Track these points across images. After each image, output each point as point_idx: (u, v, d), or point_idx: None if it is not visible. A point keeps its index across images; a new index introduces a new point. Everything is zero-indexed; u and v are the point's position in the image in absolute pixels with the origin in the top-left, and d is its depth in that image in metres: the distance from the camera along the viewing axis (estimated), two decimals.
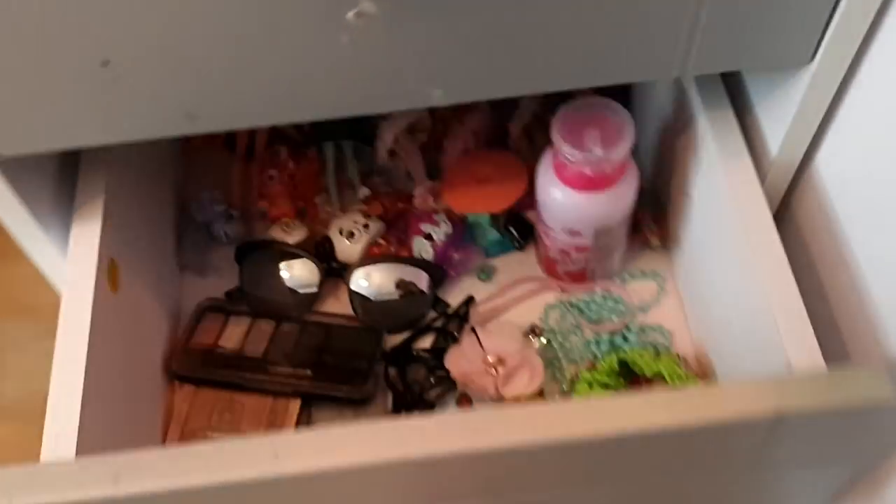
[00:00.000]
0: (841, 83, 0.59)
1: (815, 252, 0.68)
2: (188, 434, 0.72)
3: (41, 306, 0.59)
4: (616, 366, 0.71)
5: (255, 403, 0.73)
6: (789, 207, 0.71)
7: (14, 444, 0.54)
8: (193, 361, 0.74)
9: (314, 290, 0.79)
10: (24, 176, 0.59)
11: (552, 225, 0.73)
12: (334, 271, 0.80)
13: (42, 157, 0.59)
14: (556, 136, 0.65)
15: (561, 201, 0.69)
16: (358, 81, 0.53)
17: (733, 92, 0.68)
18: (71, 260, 0.60)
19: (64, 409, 0.55)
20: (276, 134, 0.90)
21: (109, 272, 0.62)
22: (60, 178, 0.65)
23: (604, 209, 0.69)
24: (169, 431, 0.72)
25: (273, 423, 0.72)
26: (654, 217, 0.80)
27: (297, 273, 0.80)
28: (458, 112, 0.87)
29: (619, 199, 0.69)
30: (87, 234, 0.62)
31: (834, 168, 0.64)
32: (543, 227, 0.75)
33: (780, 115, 0.63)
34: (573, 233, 0.72)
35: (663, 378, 0.70)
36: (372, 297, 0.78)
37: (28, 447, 0.53)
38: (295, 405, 0.73)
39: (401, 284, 0.79)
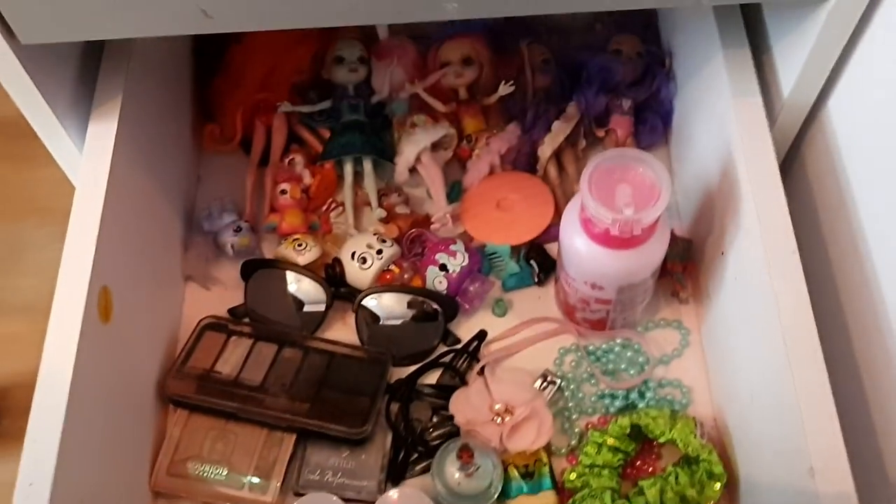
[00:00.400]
0: (858, 25, 0.58)
1: (820, 201, 0.68)
2: (178, 462, 0.70)
3: (62, 208, 0.62)
4: (628, 429, 0.67)
5: (249, 434, 0.71)
6: (799, 154, 0.69)
7: (29, 339, 0.57)
8: (188, 385, 0.71)
9: (320, 313, 0.76)
10: (45, 69, 0.61)
11: (573, 274, 0.68)
12: (343, 295, 0.77)
13: (61, 57, 0.63)
14: (585, 191, 0.60)
15: (584, 254, 0.65)
16: None
17: (753, 30, 0.68)
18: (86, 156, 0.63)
19: (44, 425, 0.53)
20: (294, 139, 0.86)
21: (100, 301, 0.59)
22: (79, 86, 0.66)
23: (630, 267, 0.65)
24: (159, 456, 0.70)
25: (266, 457, 0.70)
26: (685, 266, 0.75)
27: (304, 295, 0.77)
28: (486, 131, 0.83)
29: (647, 257, 0.65)
30: (102, 133, 0.63)
31: (846, 114, 0.63)
32: (564, 272, 0.70)
33: (795, 53, 0.62)
34: (595, 286, 0.67)
35: (676, 445, 0.67)
36: (379, 323, 0.75)
37: (42, 343, 0.56)
38: (290, 439, 0.71)
39: (412, 304, 0.75)
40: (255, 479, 0.68)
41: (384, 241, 0.77)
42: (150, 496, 0.69)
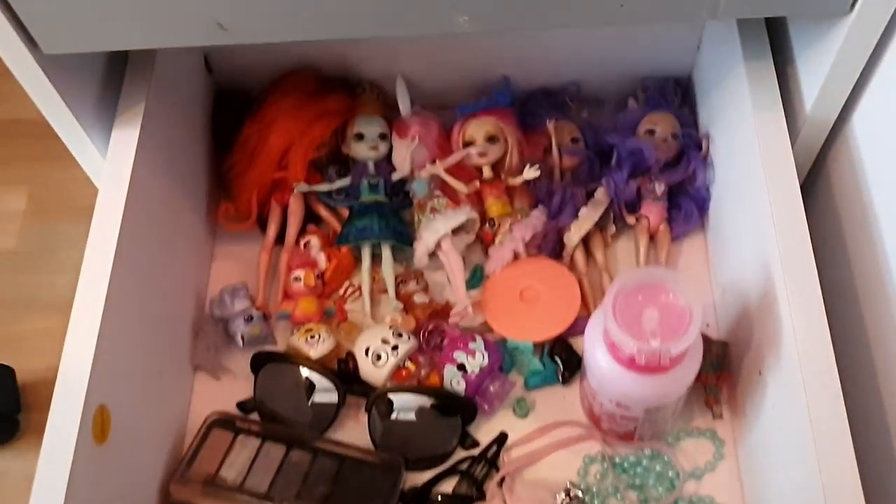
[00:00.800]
0: (881, 39, 0.57)
1: (844, 220, 0.66)
2: None
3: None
4: None
5: None
6: (822, 172, 0.68)
7: (63, 335, 0.58)
8: (192, 491, 0.69)
9: (332, 410, 0.73)
10: (68, 77, 0.63)
11: (597, 388, 0.64)
12: (355, 392, 0.74)
13: (86, 71, 0.66)
14: (608, 315, 0.56)
15: (608, 373, 0.61)
16: (386, 1, 0.55)
17: (777, 44, 0.67)
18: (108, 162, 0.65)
19: None
20: (311, 216, 0.83)
21: (95, 421, 0.57)
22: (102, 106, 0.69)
23: (657, 392, 0.60)
24: None
25: None
26: (720, 376, 0.70)
27: (316, 391, 0.73)
28: (510, 216, 0.79)
29: (676, 382, 0.61)
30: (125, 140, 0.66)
31: (869, 131, 0.62)
32: (588, 383, 0.66)
33: (818, 68, 0.61)
34: (620, 405, 0.63)
35: None
36: (393, 423, 0.71)
37: None
38: None
39: (428, 405, 0.72)
40: None
41: (400, 336, 0.74)
42: None
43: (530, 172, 0.78)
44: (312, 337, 0.75)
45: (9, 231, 0.94)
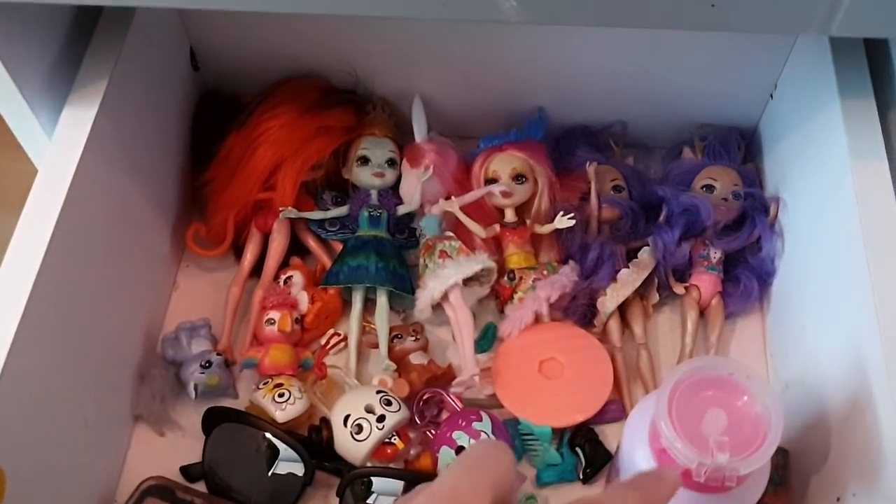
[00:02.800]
0: None
1: None
2: None
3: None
4: None
5: None
6: None
7: None
8: None
9: (296, 487, 0.61)
10: (15, 39, 0.53)
11: None
12: (327, 469, 0.61)
13: (39, 36, 0.56)
14: (662, 414, 0.44)
15: None
16: None
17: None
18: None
19: None
20: (297, 246, 0.71)
21: None
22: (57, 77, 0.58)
23: None
24: None
25: None
26: (777, 494, 0.58)
27: (279, 463, 0.61)
28: (534, 270, 0.67)
29: (739, 502, 0.48)
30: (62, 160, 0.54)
31: None
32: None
33: None
34: None
35: None
36: None
37: None
38: None
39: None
40: None
41: (389, 404, 0.62)
42: None
43: (563, 221, 0.67)
44: (281, 396, 0.63)
45: None
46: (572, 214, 0.67)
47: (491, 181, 0.70)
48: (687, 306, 0.67)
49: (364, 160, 0.71)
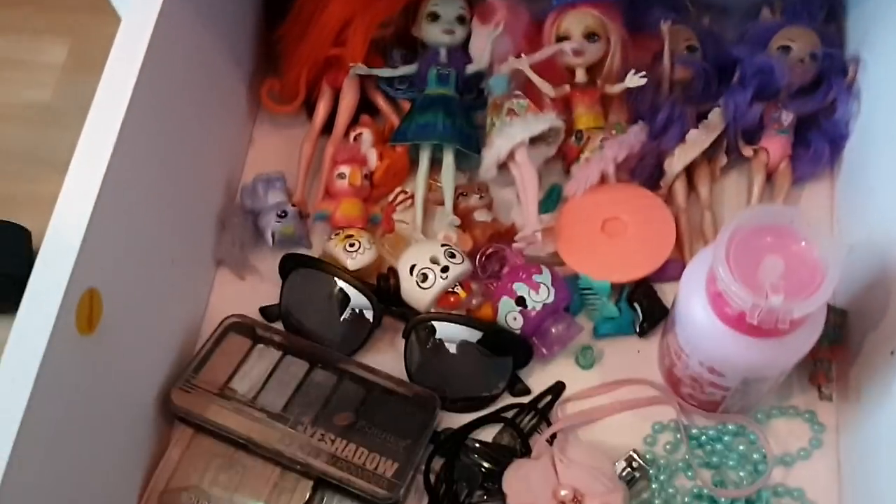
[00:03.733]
0: None
1: None
2: (172, 491, 0.60)
3: None
4: None
5: (260, 471, 0.61)
6: None
7: None
8: (197, 400, 0.62)
9: (365, 330, 0.65)
10: None
11: (686, 348, 0.54)
12: (394, 314, 0.65)
13: None
14: (720, 258, 0.46)
15: (705, 331, 0.51)
16: None
17: None
18: None
19: None
20: (366, 106, 0.73)
21: (81, 307, 0.49)
22: None
23: (764, 360, 0.50)
24: (152, 480, 0.61)
25: (276, 503, 0.60)
26: (834, 350, 0.59)
27: (349, 307, 0.65)
28: (602, 130, 0.68)
29: (790, 350, 0.50)
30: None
31: None
32: (674, 339, 0.56)
33: None
34: (713, 371, 0.53)
35: None
36: (434, 355, 0.63)
37: None
38: (305, 487, 0.60)
39: (476, 340, 0.63)
40: None
41: (453, 256, 0.64)
42: None
43: (634, 80, 0.67)
44: (352, 245, 0.66)
45: (45, 84, 0.87)
46: (644, 73, 0.66)
47: (562, 39, 0.70)
48: (755, 169, 0.68)
49: (434, 17, 0.72)
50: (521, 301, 0.62)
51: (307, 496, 0.60)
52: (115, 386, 0.55)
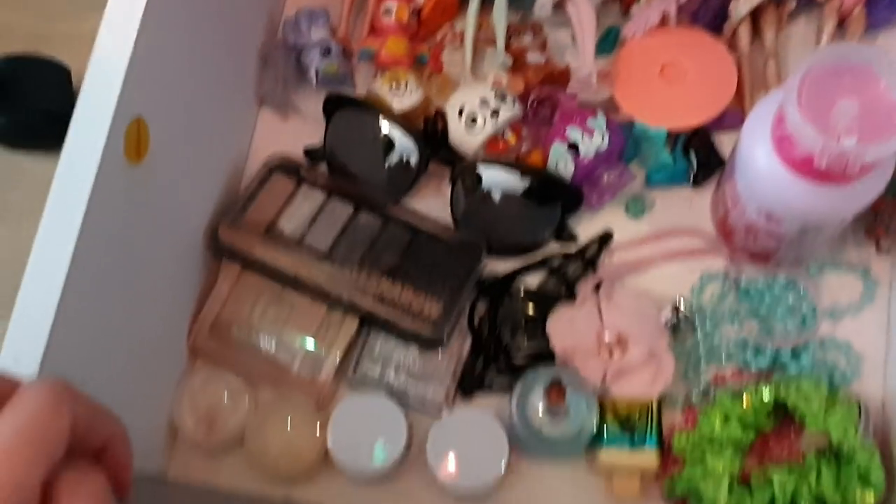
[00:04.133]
0: None
1: None
2: (222, 324, 0.62)
3: None
4: (770, 406, 0.54)
5: (308, 308, 0.62)
6: None
7: None
8: (244, 238, 0.62)
9: (411, 174, 0.64)
10: None
11: (744, 194, 0.53)
12: (441, 158, 0.64)
13: None
14: (791, 99, 0.44)
15: (767, 176, 0.49)
16: None
17: None
18: None
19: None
20: None
21: (129, 135, 0.49)
22: None
23: (827, 207, 0.49)
24: (202, 313, 0.62)
25: (323, 336, 0.61)
26: None
27: (395, 149, 0.64)
28: None
29: (855, 198, 0.49)
30: None
31: None
32: (732, 187, 0.55)
33: None
34: (771, 218, 0.52)
35: (828, 437, 0.54)
36: (481, 201, 0.62)
37: None
38: (352, 324, 0.61)
39: (525, 186, 0.62)
40: (310, 349, 0.60)
41: (503, 99, 0.63)
42: (187, 355, 0.61)
43: None
44: (398, 86, 0.64)
45: None
46: None
47: None
48: (826, 14, 0.64)
49: None
50: (573, 147, 0.61)
51: (353, 333, 0.61)
52: (164, 218, 0.56)
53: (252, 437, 0.58)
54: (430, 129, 0.64)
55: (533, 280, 0.63)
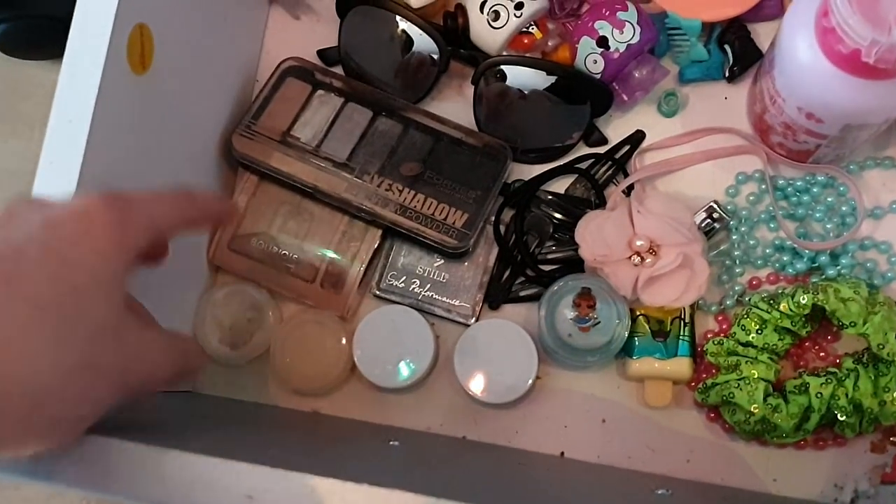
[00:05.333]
0: None
1: None
2: (242, 237, 0.62)
3: None
4: (808, 310, 0.54)
5: (328, 219, 0.62)
6: None
7: None
8: (259, 148, 0.61)
9: (431, 75, 0.62)
10: None
11: (784, 92, 0.51)
12: (462, 58, 0.62)
13: None
14: None
15: (809, 71, 0.47)
16: None
17: None
18: None
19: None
20: None
21: (132, 43, 0.47)
22: None
23: (872, 104, 0.47)
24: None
25: (345, 248, 0.61)
26: None
27: (413, 48, 0.62)
28: None
29: None
30: None
31: None
32: (770, 83, 0.53)
33: None
34: (811, 117, 0.50)
35: (866, 338, 0.53)
36: (505, 102, 0.60)
37: None
38: (374, 235, 0.61)
39: (552, 85, 0.60)
40: (333, 261, 0.60)
41: None
42: (208, 270, 0.62)
43: None
44: None
45: None
46: None
47: None
48: None
49: None
50: (602, 41, 0.59)
51: (376, 244, 0.61)
52: (175, 128, 0.55)
53: (277, 351, 0.59)
54: (450, 26, 0.61)
55: (561, 185, 0.62)
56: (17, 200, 0.38)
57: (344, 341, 0.59)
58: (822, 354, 0.57)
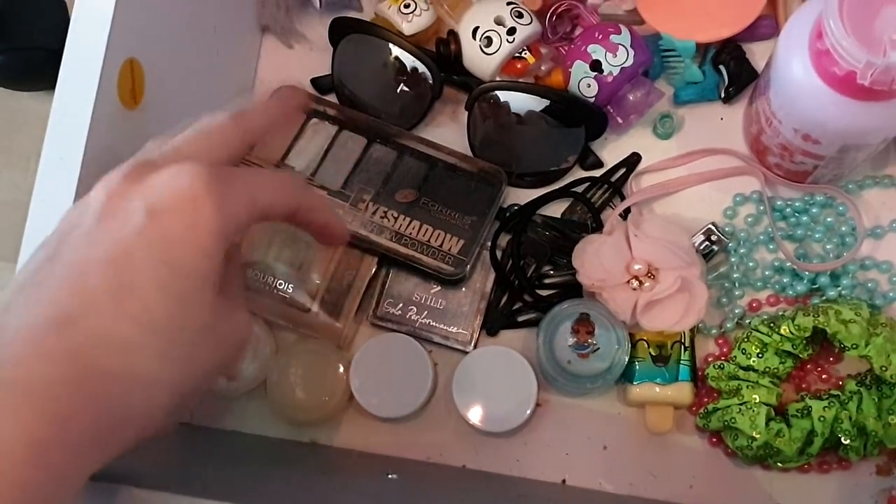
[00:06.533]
0: None
1: None
2: None
3: None
4: (808, 332, 0.53)
5: (323, 248, 0.61)
6: None
7: None
8: None
9: (425, 101, 0.62)
10: None
11: (779, 113, 0.51)
12: (455, 84, 0.62)
13: None
14: (832, 8, 0.41)
15: (804, 93, 0.47)
16: None
17: None
18: None
19: None
20: None
21: (123, 78, 0.47)
22: None
23: (869, 125, 0.47)
24: None
25: (340, 277, 0.60)
26: None
27: (406, 76, 0.62)
28: None
29: None
30: None
31: None
32: (766, 104, 0.53)
33: None
34: (808, 138, 0.50)
35: (868, 360, 0.52)
36: (499, 126, 0.60)
37: None
38: (371, 262, 0.60)
39: (545, 109, 0.60)
40: (328, 290, 0.59)
41: (520, 16, 0.60)
42: None
43: None
44: (407, 7, 0.62)
45: None
46: None
47: None
48: None
49: None
50: (596, 65, 0.59)
51: (372, 272, 0.60)
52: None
53: (274, 382, 0.58)
54: (442, 52, 0.61)
55: (557, 209, 0.62)
56: (112, 178, 0.36)
57: (341, 370, 0.58)
58: (824, 376, 0.57)
